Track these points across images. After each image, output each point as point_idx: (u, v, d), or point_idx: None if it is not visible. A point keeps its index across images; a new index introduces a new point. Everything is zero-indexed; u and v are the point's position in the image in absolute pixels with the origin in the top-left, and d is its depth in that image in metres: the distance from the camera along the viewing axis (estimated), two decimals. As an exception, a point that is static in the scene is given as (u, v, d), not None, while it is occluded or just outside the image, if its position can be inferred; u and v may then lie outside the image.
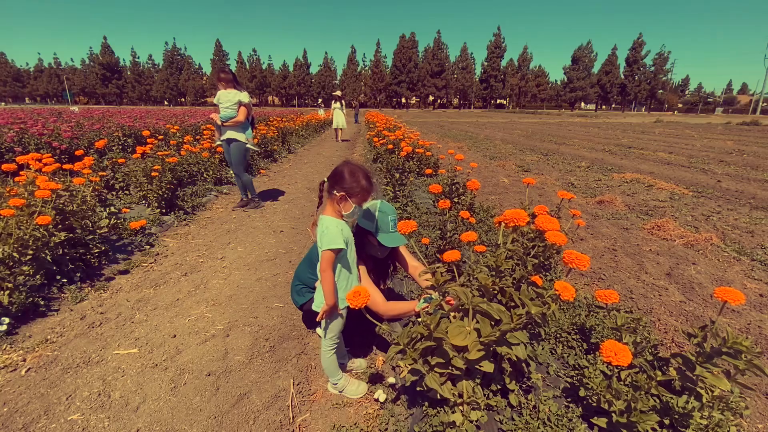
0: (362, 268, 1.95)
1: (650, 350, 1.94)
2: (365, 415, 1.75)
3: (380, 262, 2.14)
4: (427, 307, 1.66)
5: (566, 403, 1.70)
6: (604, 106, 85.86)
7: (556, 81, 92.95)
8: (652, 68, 76.66)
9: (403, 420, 1.68)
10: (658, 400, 1.55)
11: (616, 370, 1.68)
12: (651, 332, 2.33)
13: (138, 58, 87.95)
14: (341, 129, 14.07)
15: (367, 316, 1.53)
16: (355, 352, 2.19)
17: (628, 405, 1.45)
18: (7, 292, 2.37)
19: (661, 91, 79.42)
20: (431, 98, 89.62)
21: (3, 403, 1.76)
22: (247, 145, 4.80)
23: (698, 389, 1.51)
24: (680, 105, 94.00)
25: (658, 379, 1.51)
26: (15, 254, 2.52)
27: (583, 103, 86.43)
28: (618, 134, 17.32)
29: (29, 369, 1.99)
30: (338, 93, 14.15)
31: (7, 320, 2.28)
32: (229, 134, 4.66)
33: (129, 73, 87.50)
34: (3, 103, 72.02)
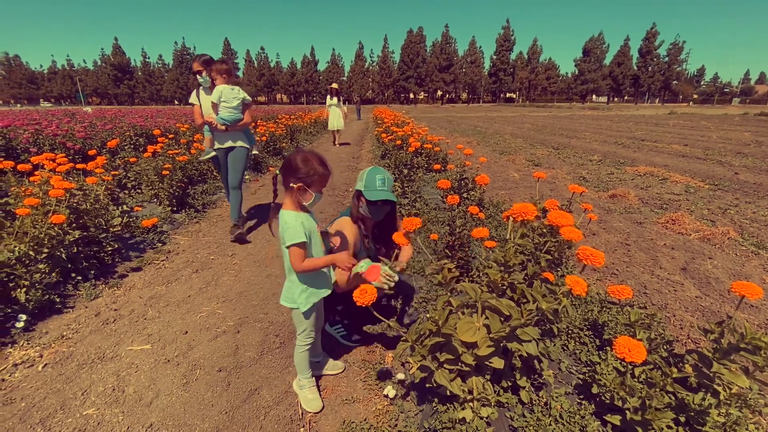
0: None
1: (665, 347, 1.91)
2: (375, 411, 1.75)
3: (380, 228, 2.19)
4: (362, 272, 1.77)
5: (578, 400, 1.68)
6: (616, 99, 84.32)
7: (566, 73, 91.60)
8: (666, 59, 74.95)
9: (412, 416, 1.68)
10: (673, 398, 1.52)
11: (629, 367, 1.65)
12: (666, 328, 2.29)
13: (148, 58, 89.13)
14: (339, 131, 11.50)
15: (375, 313, 1.52)
16: (352, 347, 2.19)
17: (643, 402, 1.42)
18: (24, 289, 2.42)
19: (675, 82, 77.71)
20: (439, 93, 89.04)
21: (21, 398, 1.80)
22: (254, 152, 4.06)
23: (715, 386, 1.48)
24: (695, 96, 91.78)
25: (674, 376, 1.48)
26: (31, 252, 2.57)
27: (594, 96, 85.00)
28: (631, 127, 17.00)
29: (46, 365, 2.03)
30: (335, 86, 11.43)
31: (24, 317, 2.34)
32: (231, 141, 3.78)
33: (140, 73, 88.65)
34: (19, 105, 73.55)
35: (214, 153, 3.81)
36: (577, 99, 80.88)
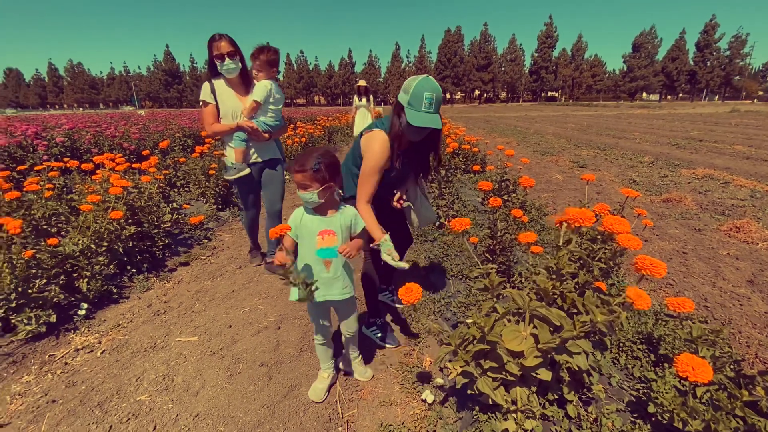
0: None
1: (731, 366, 1.75)
2: (412, 415, 1.73)
3: (416, 149, 1.95)
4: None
5: (632, 419, 1.57)
6: (669, 96, 78.95)
7: (613, 70, 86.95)
8: (728, 53, 69.18)
9: (451, 423, 1.64)
10: (742, 423, 1.38)
11: (689, 386, 1.52)
12: (731, 346, 2.10)
13: (196, 63, 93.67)
14: None
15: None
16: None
17: (707, 426, 1.31)
18: (86, 280, 2.60)
19: (737, 77, 71.51)
20: (477, 92, 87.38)
21: (81, 381, 1.93)
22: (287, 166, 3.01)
23: (793, 413, 1.33)
24: (761, 93, 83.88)
25: (744, 399, 1.35)
26: (92, 245, 2.76)
27: (644, 94, 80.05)
28: (686, 126, 15.86)
29: (104, 351, 2.18)
30: (363, 83, 9.48)
31: (85, 305, 2.52)
32: (271, 154, 2.92)
33: (188, 77, 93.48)
34: (81, 109, 79.88)
35: (248, 171, 2.80)
36: (625, 97, 76.57)
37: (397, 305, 2.58)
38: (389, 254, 1.72)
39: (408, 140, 1.84)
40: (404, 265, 1.72)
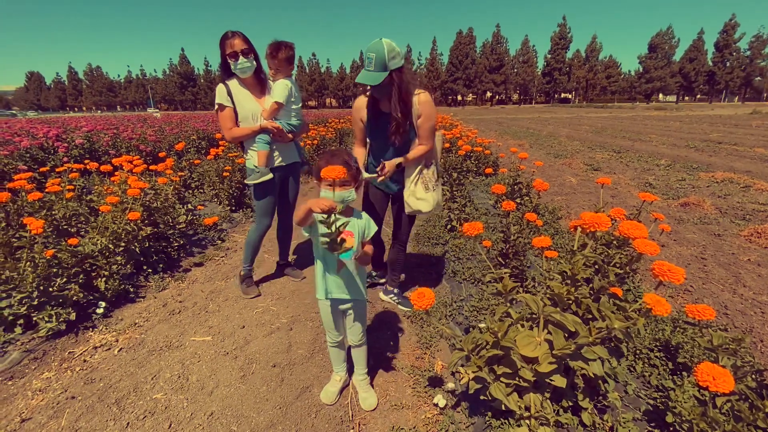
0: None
1: (753, 376, 1.70)
2: (424, 419, 1.72)
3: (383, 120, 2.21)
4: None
5: (649, 428, 1.54)
6: (686, 98, 77.25)
7: (629, 71, 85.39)
8: (748, 53, 67.36)
9: (464, 428, 1.63)
10: (764, 435, 1.34)
11: (709, 396, 1.49)
12: (752, 355, 2.04)
13: (210, 66, 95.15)
14: None
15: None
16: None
17: (728, 437, 1.27)
18: (104, 279, 2.66)
19: (758, 78, 69.47)
20: (489, 94, 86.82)
21: (99, 379, 1.98)
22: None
23: (820, 427, 1.29)
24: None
25: (767, 410, 1.31)
26: (110, 246, 2.82)
27: (661, 95, 78.46)
28: (705, 128, 15.50)
29: (121, 349, 2.22)
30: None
31: (103, 304, 2.57)
32: (294, 157, 2.80)
33: (202, 80, 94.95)
34: (99, 111, 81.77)
35: (271, 175, 2.59)
36: (640, 99, 75.14)
37: (403, 307, 2.60)
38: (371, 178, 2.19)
39: (387, 100, 2.08)
40: (368, 176, 2.20)
